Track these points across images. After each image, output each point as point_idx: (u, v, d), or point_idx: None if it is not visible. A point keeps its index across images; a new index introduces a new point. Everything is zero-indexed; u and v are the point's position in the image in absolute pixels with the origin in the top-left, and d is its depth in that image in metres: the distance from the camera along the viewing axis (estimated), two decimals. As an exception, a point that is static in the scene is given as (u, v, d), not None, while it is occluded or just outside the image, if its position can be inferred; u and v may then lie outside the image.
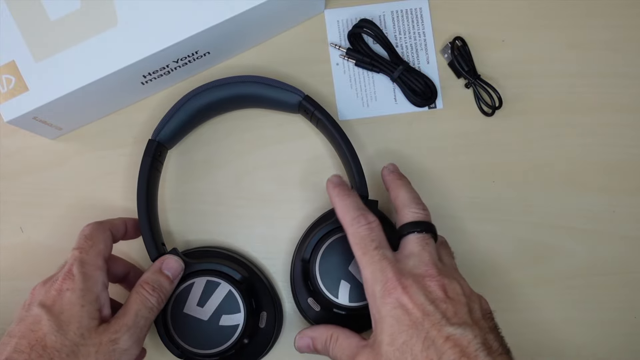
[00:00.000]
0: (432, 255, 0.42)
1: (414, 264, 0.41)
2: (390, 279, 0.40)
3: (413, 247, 0.42)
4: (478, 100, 0.55)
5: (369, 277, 0.41)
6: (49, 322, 0.39)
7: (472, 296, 0.41)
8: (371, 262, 0.41)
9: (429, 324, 0.38)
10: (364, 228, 0.42)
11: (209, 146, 0.55)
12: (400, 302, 0.39)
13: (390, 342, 0.39)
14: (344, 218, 0.43)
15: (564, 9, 0.56)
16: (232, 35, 0.51)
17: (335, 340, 0.44)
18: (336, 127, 0.50)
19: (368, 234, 0.42)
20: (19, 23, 0.47)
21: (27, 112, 0.47)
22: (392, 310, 0.39)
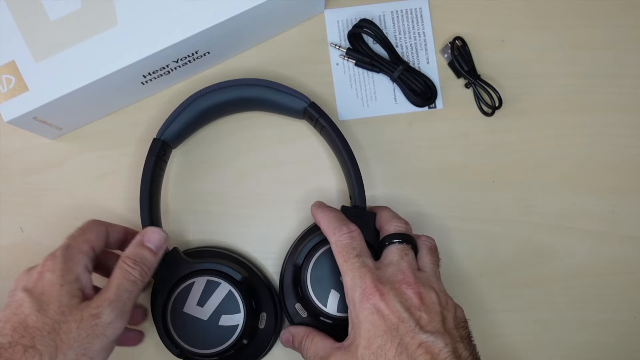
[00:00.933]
0: (410, 264, 0.44)
1: (392, 272, 0.43)
2: (369, 285, 0.42)
3: (393, 256, 0.44)
4: (478, 100, 0.55)
5: (349, 283, 0.43)
6: (30, 303, 0.40)
7: (447, 305, 0.43)
8: (351, 268, 0.43)
9: (403, 330, 0.40)
10: (346, 236, 0.44)
11: (210, 146, 0.55)
12: (377, 308, 0.41)
13: (366, 345, 0.40)
14: (327, 229, 0.45)
15: (564, 9, 0.56)
16: (232, 35, 0.51)
17: (311, 340, 0.46)
18: (340, 137, 0.50)
19: (349, 242, 0.44)
20: (19, 23, 0.47)
21: (27, 112, 0.47)
22: (369, 316, 0.41)
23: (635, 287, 0.55)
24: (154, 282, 0.48)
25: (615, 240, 0.55)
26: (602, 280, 0.55)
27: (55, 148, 0.54)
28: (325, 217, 0.46)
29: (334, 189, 0.54)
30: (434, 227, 0.54)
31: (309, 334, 0.47)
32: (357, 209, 0.49)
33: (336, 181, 0.54)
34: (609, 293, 0.55)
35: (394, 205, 0.54)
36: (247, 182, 0.54)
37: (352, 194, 0.50)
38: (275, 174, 0.55)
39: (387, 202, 0.54)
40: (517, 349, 0.54)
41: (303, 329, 0.48)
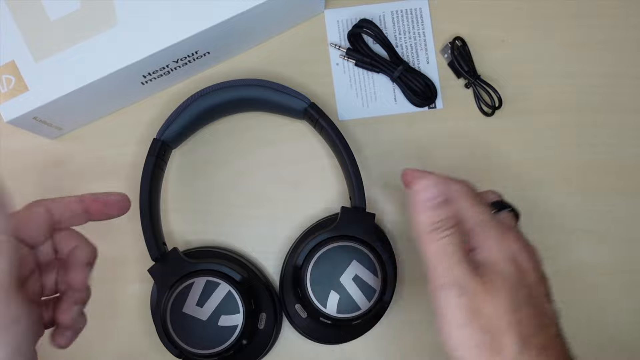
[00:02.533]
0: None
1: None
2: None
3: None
4: (478, 100, 0.55)
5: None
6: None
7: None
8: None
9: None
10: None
11: (209, 146, 0.55)
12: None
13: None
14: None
15: (564, 9, 0.56)
16: (232, 35, 0.51)
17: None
18: (340, 138, 0.50)
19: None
20: (19, 23, 0.47)
21: (27, 112, 0.47)
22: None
23: (635, 287, 0.55)
24: (154, 282, 0.48)
25: (614, 240, 0.55)
26: (602, 280, 0.55)
27: (55, 148, 0.54)
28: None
29: (334, 189, 0.54)
30: (433, 227, 0.54)
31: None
32: (357, 210, 0.49)
33: (336, 181, 0.54)
34: (608, 293, 0.55)
35: (394, 205, 0.54)
36: (247, 182, 0.54)
37: (352, 195, 0.50)
38: (275, 174, 0.55)
39: (387, 202, 0.54)
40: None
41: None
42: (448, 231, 0.38)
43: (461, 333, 0.36)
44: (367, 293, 0.48)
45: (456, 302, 0.36)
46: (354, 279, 0.48)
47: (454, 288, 0.36)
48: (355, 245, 0.48)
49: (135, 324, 0.53)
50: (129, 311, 0.53)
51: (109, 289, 0.53)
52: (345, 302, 0.48)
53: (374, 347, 0.53)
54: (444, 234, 0.38)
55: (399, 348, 0.53)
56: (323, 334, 0.50)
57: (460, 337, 0.36)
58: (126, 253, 0.53)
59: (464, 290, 0.36)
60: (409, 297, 0.54)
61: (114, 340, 0.53)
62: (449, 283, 0.37)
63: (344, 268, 0.48)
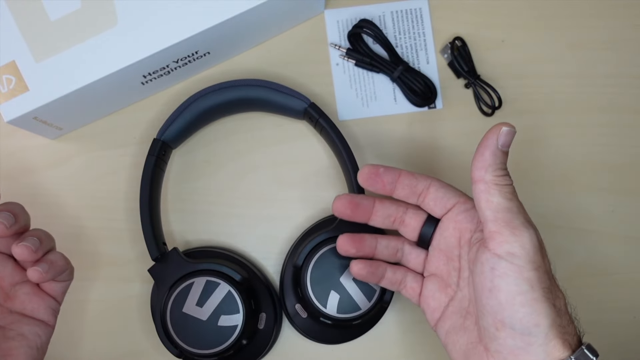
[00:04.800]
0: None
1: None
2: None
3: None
4: (478, 100, 0.55)
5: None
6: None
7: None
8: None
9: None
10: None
11: (209, 146, 0.55)
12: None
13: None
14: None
15: (564, 9, 0.56)
16: (232, 36, 0.51)
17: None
18: (340, 138, 0.50)
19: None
20: (19, 23, 0.47)
21: (27, 112, 0.47)
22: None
23: (635, 287, 0.55)
24: (154, 282, 0.48)
25: (615, 240, 0.55)
26: (602, 280, 0.55)
27: (55, 148, 0.54)
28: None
29: (334, 189, 0.54)
30: (433, 227, 0.54)
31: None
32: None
33: (336, 182, 0.54)
34: (608, 293, 0.55)
35: (394, 205, 0.54)
36: (247, 182, 0.54)
37: (351, 195, 0.50)
38: (275, 174, 0.55)
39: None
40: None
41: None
42: (511, 179, 0.40)
43: (534, 275, 0.37)
44: (367, 293, 0.48)
45: (534, 244, 0.37)
46: (354, 279, 0.48)
47: (529, 229, 0.38)
48: None
49: (135, 324, 0.53)
50: (129, 311, 0.53)
51: (108, 289, 0.53)
52: (346, 302, 0.48)
53: (374, 347, 0.53)
54: (511, 180, 0.40)
55: (399, 348, 0.53)
56: (323, 334, 0.50)
57: (533, 279, 0.37)
58: (126, 253, 0.53)
59: (536, 233, 0.38)
60: (409, 297, 0.54)
61: (114, 340, 0.53)
62: (528, 221, 0.38)
63: (344, 268, 0.48)
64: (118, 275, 0.53)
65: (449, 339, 0.43)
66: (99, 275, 0.54)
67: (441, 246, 0.44)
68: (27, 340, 0.42)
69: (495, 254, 0.37)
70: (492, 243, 0.38)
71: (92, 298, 0.53)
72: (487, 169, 0.39)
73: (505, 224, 0.38)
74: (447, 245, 0.44)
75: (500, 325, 0.38)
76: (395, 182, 0.44)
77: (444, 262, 0.44)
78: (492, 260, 0.38)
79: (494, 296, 0.38)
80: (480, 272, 0.38)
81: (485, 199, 0.39)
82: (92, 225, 0.54)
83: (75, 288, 0.53)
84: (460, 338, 0.42)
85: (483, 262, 0.38)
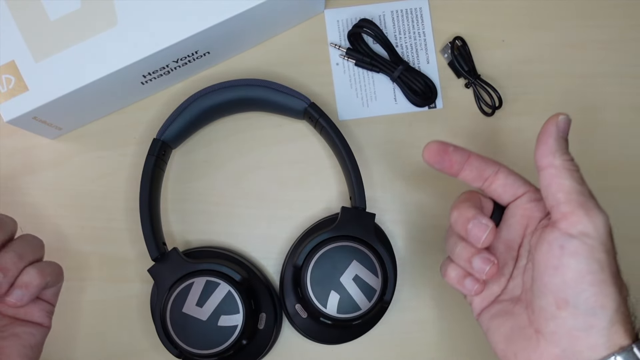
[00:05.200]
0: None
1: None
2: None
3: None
4: (478, 100, 0.55)
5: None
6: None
7: None
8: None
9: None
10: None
11: (209, 146, 0.55)
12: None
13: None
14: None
15: (564, 9, 0.56)
16: (232, 35, 0.51)
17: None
18: (340, 138, 0.50)
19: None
20: (19, 23, 0.47)
21: (27, 112, 0.47)
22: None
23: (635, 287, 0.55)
24: (154, 282, 0.48)
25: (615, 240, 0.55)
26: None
27: (55, 148, 0.54)
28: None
29: (334, 189, 0.54)
30: (434, 227, 0.54)
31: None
32: (357, 210, 0.49)
33: (336, 182, 0.54)
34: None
35: (394, 205, 0.54)
36: (247, 182, 0.54)
37: (352, 195, 0.50)
38: (275, 174, 0.55)
39: (387, 202, 0.54)
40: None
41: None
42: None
43: (605, 257, 0.37)
44: (367, 293, 0.48)
45: (607, 227, 0.37)
46: (354, 279, 0.48)
47: (603, 213, 0.37)
48: (355, 246, 0.48)
49: (135, 324, 0.53)
50: (129, 311, 0.53)
51: (108, 289, 0.53)
52: (346, 302, 0.48)
53: (374, 347, 0.53)
54: (578, 166, 0.39)
55: (399, 348, 0.53)
56: (323, 334, 0.50)
57: (603, 260, 0.37)
58: (126, 253, 0.53)
59: (607, 217, 0.38)
60: (409, 297, 0.54)
61: (113, 340, 0.53)
62: (599, 208, 0.38)
63: (344, 268, 0.48)
64: (118, 275, 0.53)
65: (493, 323, 0.42)
66: (99, 275, 0.54)
67: (502, 234, 0.43)
68: (20, 340, 0.41)
69: (567, 232, 0.37)
70: (564, 223, 0.37)
71: (92, 298, 0.53)
72: (554, 155, 0.39)
73: (579, 205, 0.37)
74: (510, 233, 0.42)
75: (563, 304, 0.37)
76: (464, 162, 0.41)
77: (501, 251, 0.42)
78: (562, 239, 0.37)
79: (559, 274, 0.37)
80: (547, 250, 0.37)
81: (557, 182, 0.38)
82: (92, 225, 0.54)
83: (75, 288, 0.53)
84: (506, 322, 0.41)
85: (551, 241, 0.37)
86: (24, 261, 0.41)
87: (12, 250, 0.41)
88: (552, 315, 0.37)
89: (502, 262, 0.42)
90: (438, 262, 0.54)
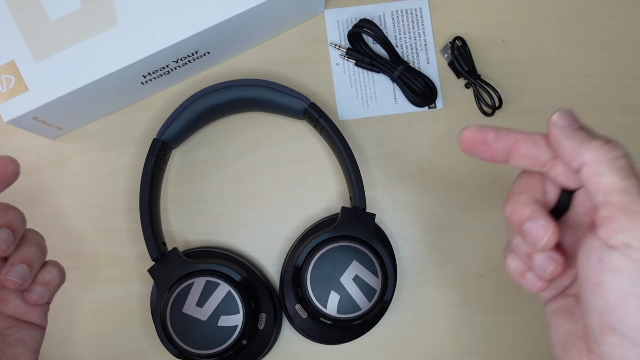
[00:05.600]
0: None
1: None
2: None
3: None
4: (478, 100, 0.55)
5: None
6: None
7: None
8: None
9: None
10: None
11: (209, 146, 0.55)
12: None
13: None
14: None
15: (564, 9, 0.56)
16: (232, 35, 0.51)
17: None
18: (340, 138, 0.50)
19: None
20: (19, 23, 0.47)
21: (27, 112, 0.47)
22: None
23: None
24: (154, 282, 0.48)
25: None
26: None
27: (55, 148, 0.54)
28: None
29: (334, 189, 0.54)
30: (434, 227, 0.54)
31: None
32: (357, 210, 0.49)
33: (336, 182, 0.54)
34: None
35: (394, 205, 0.54)
36: (247, 182, 0.54)
37: (352, 195, 0.50)
38: (275, 174, 0.55)
39: (387, 202, 0.54)
40: (517, 349, 0.54)
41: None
42: (623, 149, 0.32)
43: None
44: (367, 293, 0.48)
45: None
46: (354, 279, 0.48)
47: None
48: (355, 246, 0.48)
49: (135, 324, 0.53)
50: (129, 311, 0.53)
51: (108, 289, 0.53)
52: (346, 303, 0.48)
53: (374, 347, 0.53)
54: (623, 150, 0.32)
55: (399, 348, 0.53)
56: (323, 334, 0.50)
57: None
58: (126, 253, 0.53)
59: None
60: (409, 297, 0.54)
61: (113, 340, 0.53)
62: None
63: (344, 268, 0.48)
64: (118, 275, 0.53)
65: (554, 320, 0.36)
66: (98, 275, 0.54)
67: (571, 220, 0.35)
68: (28, 345, 0.40)
69: (607, 243, 0.30)
70: (604, 230, 0.30)
71: (91, 298, 0.53)
72: (580, 153, 0.31)
73: (621, 208, 0.30)
74: (580, 221, 0.35)
75: (608, 330, 0.30)
76: (510, 150, 0.35)
77: (571, 240, 0.35)
78: (600, 251, 0.30)
79: (600, 292, 0.30)
80: (586, 261, 0.31)
81: (594, 182, 0.31)
82: (92, 225, 0.54)
83: (75, 288, 0.53)
84: (565, 323, 0.35)
85: (590, 251, 0.31)
86: (44, 256, 0.40)
87: (34, 244, 0.40)
88: (599, 340, 0.31)
89: (571, 251, 0.35)
90: (438, 262, 0.54)
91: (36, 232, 0.42)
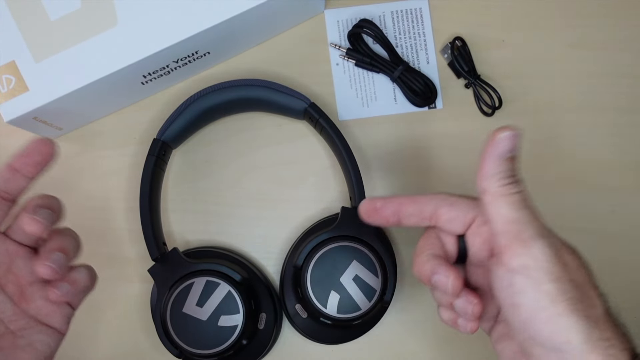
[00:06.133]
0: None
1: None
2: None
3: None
4: (478, 100, 0.55)
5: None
6: None
7: None
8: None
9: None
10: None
11: (209, 146, 0.55)
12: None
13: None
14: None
15: (564, 9, 0.56)
16: (232, 36, 0.51)
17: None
18: (340, 138, 0.50)
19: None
20: (19, 23, 0.47)
21: (27, 112, 0.47)
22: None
23: (635, 287, 0.55)
24: (154, 282, 0.48)
25: (615, 240, 0.55)
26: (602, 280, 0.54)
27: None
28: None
29: (334, 189, 0.54)
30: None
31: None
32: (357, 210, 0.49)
33: (336, 181, 0.54)
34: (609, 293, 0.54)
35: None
36: (247, 182, 0.54)
37: (352, 195, 0.50)
38: (275, 174, 0.55)
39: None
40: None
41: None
42: (522, 185, 0.36)
43: (553, 287, 0.34)
44: (367, 293, 0.48)
45: (548, 254, 0.34)
46: (354, 279, 0.48)
47: (542, 239, 0.35)
48: (355, 246, 0.48)
49: (135, 324, 0.53)
50: (129, 311, 0.53)
51: (109, 289, 0.53)
52: (346, 303, 0.48)
53: (374, 347, 0.53)
54: (521, 187, 0.36)
55: (399, 348, 0.53)
56: (323, 334, 0.50)
57: (553, 291, 0.33)
58: (126, 253, 0.53)
59: (551, 241, 0.35)
60: (409, 297, 0.54)
61: (114, 340, 0.53)
62: (540, 230, 0.35)
63: (344, 268, 0.48)
64: (118, 275, 0.53)
65: (499, 346, 0.39)
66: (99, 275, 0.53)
67: (474, 260, 0.40)
68: (36, 352, 0.39)
69: (509, 268, 0.34)
70: (505, 257, 0.35)
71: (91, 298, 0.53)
72: (489, 180, 0.36)
73: (515, 236, 0.35)
74: (479, 259, 0.40)
75: (532, 343, 0.35)
76: (397, 213, 0.40)
77: (483, 277, 0.40)
78: (507, 276, 0.35)
79: (517, 313, 0.34)
80: (500, 288, 0.35)
81: (494, 212, 0.36)
82: (92, 225, 0.54)
83: (75, 288, 0.53)
84: (508, 347, 0.39)
85: (500, 277, 0.35)
86: (78, 250, 0.40)
87: (69, 235, 0.39)
88: (529, 352, 0.35)
89: (486, 287, 0.40)
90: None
91: (71, 230, 0.41)
